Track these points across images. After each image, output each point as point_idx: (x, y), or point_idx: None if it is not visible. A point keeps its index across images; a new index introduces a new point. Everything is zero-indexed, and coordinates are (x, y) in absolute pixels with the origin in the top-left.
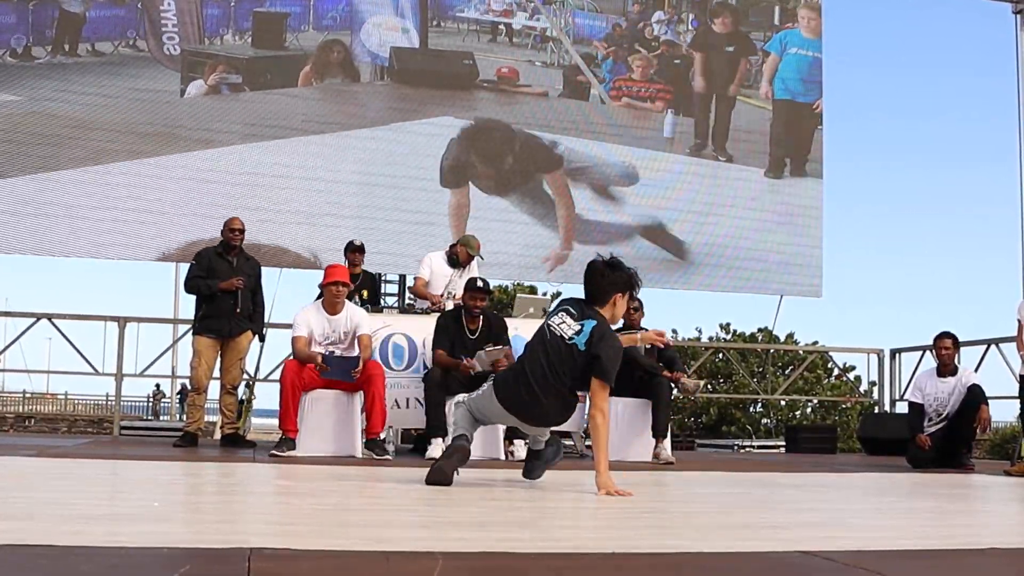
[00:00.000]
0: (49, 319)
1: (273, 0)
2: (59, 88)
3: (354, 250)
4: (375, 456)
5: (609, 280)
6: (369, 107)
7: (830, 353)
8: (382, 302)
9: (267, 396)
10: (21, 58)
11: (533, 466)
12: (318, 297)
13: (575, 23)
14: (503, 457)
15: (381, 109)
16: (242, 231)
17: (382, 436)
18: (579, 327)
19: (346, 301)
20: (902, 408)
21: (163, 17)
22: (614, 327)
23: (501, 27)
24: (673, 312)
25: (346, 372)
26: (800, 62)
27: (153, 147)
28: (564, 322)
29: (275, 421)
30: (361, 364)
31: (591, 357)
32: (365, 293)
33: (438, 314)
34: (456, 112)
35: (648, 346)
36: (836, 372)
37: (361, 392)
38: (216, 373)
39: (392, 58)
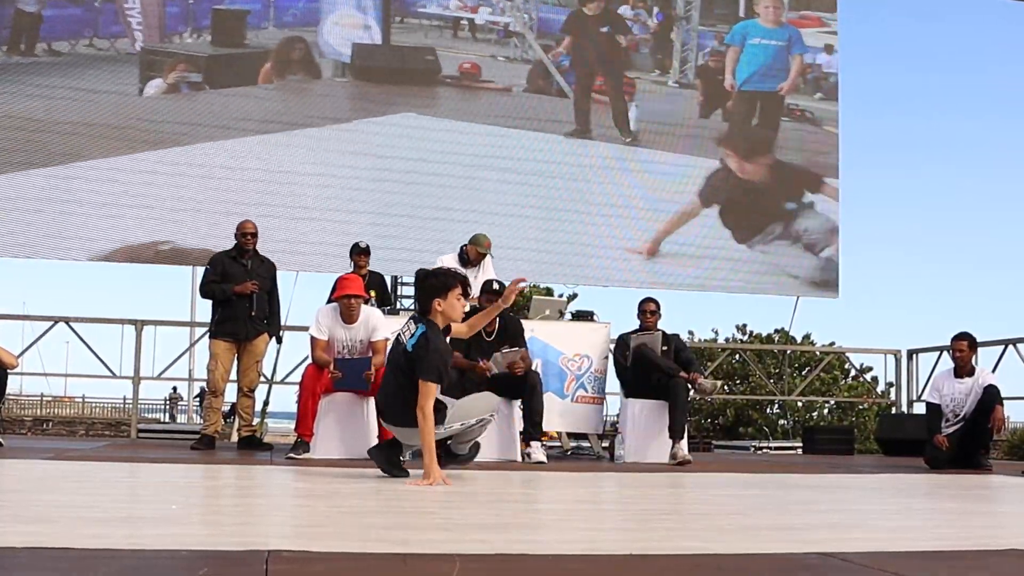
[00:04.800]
0: (67, 323)
1: None
2: (12, 90)
3: (360, 252)
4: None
5: (425, 288)
6: (330, 104)
7: (847, 354)
8: (398, 304)
9: (284, 399)
10: None
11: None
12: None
13: (538, 17)
14: (519, 459)
15: (343, 107)
16: (255, 234)
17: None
18: (413, 331)
19: (362, 305)
20: (919, 409)
21: (128, 14)
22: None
23: (464, 22)
24: (689, 313)
25: (359, 377)
26: (762, 52)
27: (111, 147)
28: (407, 329)
29: (291, 424)
30: (373, 369)
31: (415, 359)
32: (374, 293)
33: None
34: (418, 108)
35: (664, 347)
36: (853, 373)
37: (373, 397)
38: (233, 376)
39: (354, 55)
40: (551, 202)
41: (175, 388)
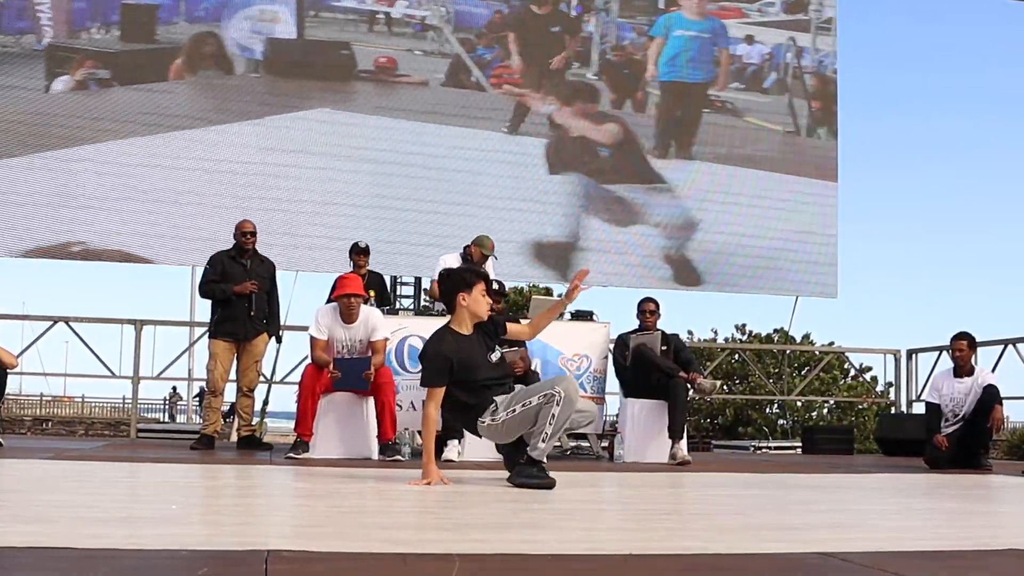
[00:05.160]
0: (66, 322)
1: None
2: None
3: (359, 252)
4: (386, 458)
5: (449, 283)
6: (243, 100)
7: (846, 354)
8: (398, 304)
9: (283, 399)
10: None
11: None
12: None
13: (455, 11)
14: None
15: (256, 102)
16: (254, 233)
17: (394, 440)
18: None
19: (362, 305)
20: (919, 409)
21: (38, 9)
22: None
23: (379, 16)
24: (688, 313)
25: (358, 376)
26: (686, 44)
27: (17, 144)
28: None
29: (290, 423)
30: (373, 369)
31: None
32: (372, 293)
33: None
34: (334, 104)
35: (664, 347)
36: (853, 373)
37: (373, 397)
38: (233, 376)
39: (267, 49)
40: (476, 199)
41: (175, 388)
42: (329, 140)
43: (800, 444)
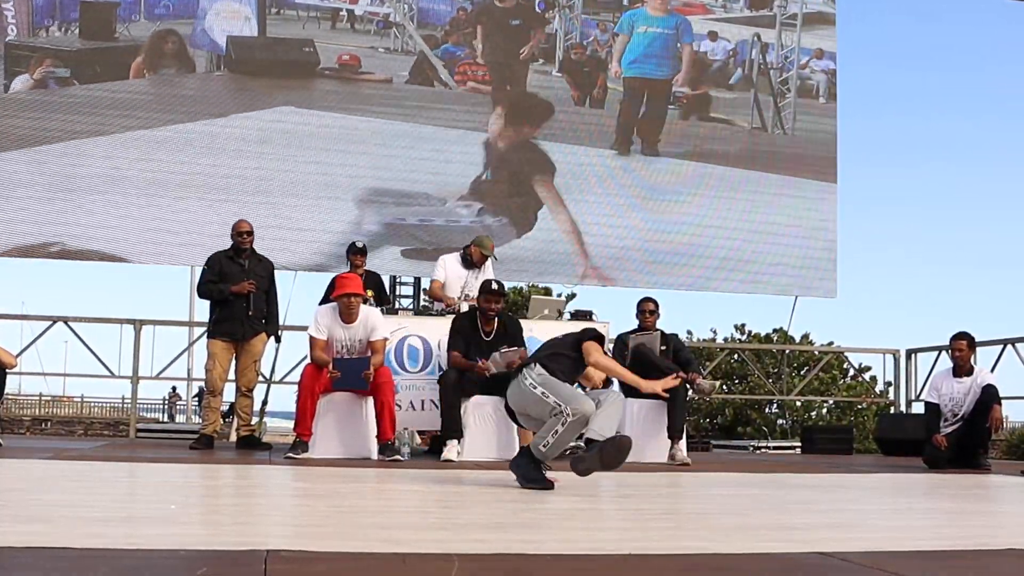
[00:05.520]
0: (65, 322)
1: None
2: None
3: (356, 252)
4: (385, 458)
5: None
6: (205, 99)
7: (846, 354)
8: (398, 304)
9: (282, 398)
10: None
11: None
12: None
13: (419, 8)
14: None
15: (218, 100)
16: (251, 233)
17: (394, 440)
18: None
19: (361, 305)
20: (918, 408)
21: (4, 7)
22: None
23: (343, 13)
24: (688, 313)
25: (357, 376)
26: (650, 40)
27: None
28: None
29: (290, 423)
30: (372, 369)
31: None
32: (370, 292)
33: (453, 316)
34: (297, 102)
35: (663, 347)
36: (852, 373)
37: (372, 396)
38: (232, 376)
39: (229, 47)
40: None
41: (174, 388)
42: (291, 139)
43: (799, 444)
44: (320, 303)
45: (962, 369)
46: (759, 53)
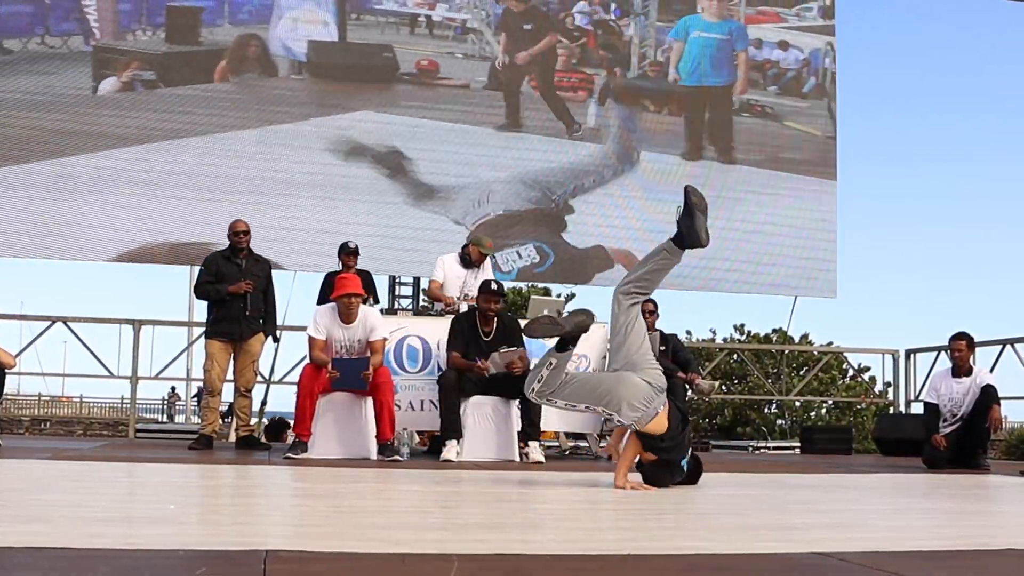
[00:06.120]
0: (64, 322)
1: None
2: None
3: (348, 253)
4: (385, 458)
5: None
6: (287, 102)
7: (845, 354)
8: (396, 304)
9: (281, 399)
10: None
11: None
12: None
13: (495, 14)
14: (518, 459)
15: (299, 104)
16: (247, 233)
17: (393, 440)
18: None
19: (360, 305)
20: (917, 409)
21: (86, 9)
22: None
23: (421, 19)
24: (687, 313)
25: (356, 376)
26: (704, 45)
27: (64, 146)
28: None
29: (289, 423)
30: (371, 369)
31: None
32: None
33: (452, 316)
34: (376, 107)
35: (662, 347)
36: (851, 373)
37: (371, 397)
38: (230, 376)
39: (310, 52)
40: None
41: (173, 388)
42: (373, 141)
43: (799, 444)
44: (317, 303)
45: (961, 369)
46: (832, 62)
